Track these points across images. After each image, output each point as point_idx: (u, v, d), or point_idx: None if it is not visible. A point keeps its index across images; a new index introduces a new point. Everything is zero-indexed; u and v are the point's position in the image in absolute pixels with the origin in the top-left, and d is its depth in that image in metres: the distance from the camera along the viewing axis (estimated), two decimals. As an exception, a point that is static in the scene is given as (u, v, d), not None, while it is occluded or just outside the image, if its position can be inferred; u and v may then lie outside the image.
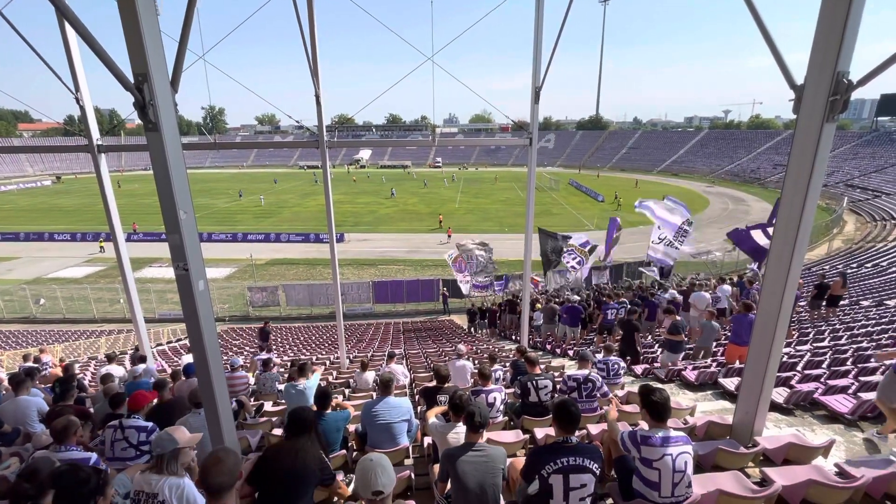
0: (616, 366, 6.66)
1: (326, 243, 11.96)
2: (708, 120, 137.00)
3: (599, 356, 6.84)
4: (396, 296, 23.68)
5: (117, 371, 8.36)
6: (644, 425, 3.23)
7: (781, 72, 3.74)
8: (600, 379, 5.48)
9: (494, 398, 5.06)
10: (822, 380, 6.23)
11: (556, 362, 9.87)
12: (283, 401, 6.37)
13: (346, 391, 7.84)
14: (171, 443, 2.78)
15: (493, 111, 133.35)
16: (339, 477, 3.57)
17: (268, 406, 6.77)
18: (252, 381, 7.75)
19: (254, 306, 23.33)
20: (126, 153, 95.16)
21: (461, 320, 20.86)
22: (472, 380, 6.80)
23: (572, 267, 16.64)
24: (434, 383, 5.27)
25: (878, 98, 66.28)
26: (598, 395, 5.45)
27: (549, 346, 12.93)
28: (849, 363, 6.88)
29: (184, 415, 4.46)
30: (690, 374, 7.27)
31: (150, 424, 4.13)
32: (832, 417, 5.30)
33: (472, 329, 18.82)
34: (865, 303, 12.75)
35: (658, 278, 17.01)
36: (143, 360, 8.77)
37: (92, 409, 5.81)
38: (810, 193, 3.58)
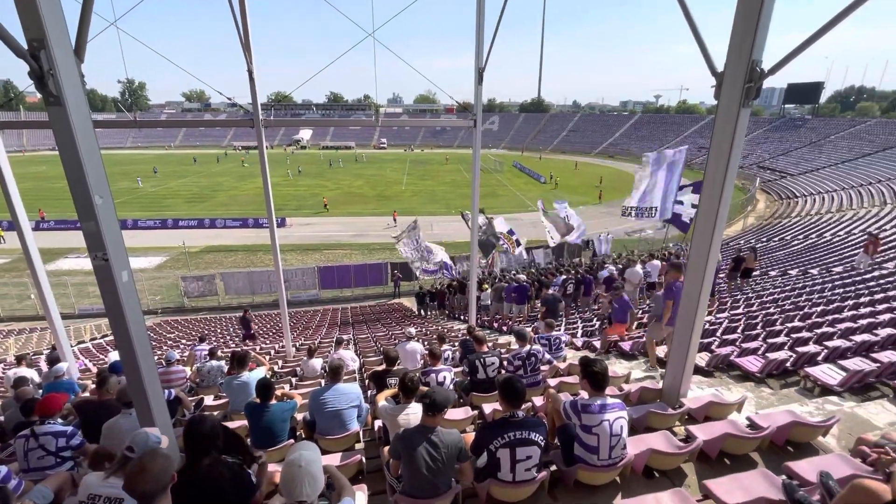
0: (558, 340, 6.99)
1: (266, 228, 11.43)
2: (641, 104, 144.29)
3: (542, 332, 7.14)
4: (343, 281, 23.16)
5: (32, 374, 7.56)
6: (584, 394, 3.42)
7: (704, 59, 3.98)
8: (541, 350, 5.73)
9: (444, 377, 5.16)
10: (736, 343, 6.91)
11: (502, 339, 10.19)
12: (225, 394, 6.09)
13: (293, 380, 7.64)
14: (157, 439, 2.63)
15: (437, 92, 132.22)
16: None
17: (209, 400, 6.44)
18: (189, 374, 7.34)
19: (189, 297, 21.92)
20: (29, 130, 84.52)
21: (411, 303, 20.89)
22: (423, 361, 6.86)
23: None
24: (383, 367, 5.26)
25: (785, 87, 72.80)
26: (541, 367, 5.70)
27: (496, 325, 13.30)
28: (758, 328, 7.68)
29: (112, 416, 4.11)
30: (626, 344, 7.80)
31: (69, 428, 3.78)
32: (744, 376, 5.92)
33: (422, 311, 18.92)
34: (773, 273, 14.23)
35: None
36: (59, 360, 7.97)
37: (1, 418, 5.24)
38: (729, 174, 3.89)
